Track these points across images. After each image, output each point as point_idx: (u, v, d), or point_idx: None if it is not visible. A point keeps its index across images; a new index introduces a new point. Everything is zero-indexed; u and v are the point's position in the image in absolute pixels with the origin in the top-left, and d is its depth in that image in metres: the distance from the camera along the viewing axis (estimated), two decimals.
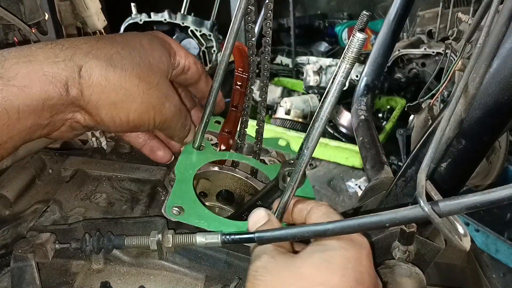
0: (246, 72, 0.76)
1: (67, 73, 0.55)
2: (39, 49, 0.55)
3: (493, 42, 0.54)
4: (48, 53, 0.55)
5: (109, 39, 0.62)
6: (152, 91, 0.63)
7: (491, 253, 2.43)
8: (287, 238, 0.60)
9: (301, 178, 0.61)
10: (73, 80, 0.56)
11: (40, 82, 0.53)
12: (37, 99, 0.53)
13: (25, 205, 0.80)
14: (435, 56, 3.39)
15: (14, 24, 0.85)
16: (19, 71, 0.52)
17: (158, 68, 0.65)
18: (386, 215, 0.50)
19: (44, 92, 0.54)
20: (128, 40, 0.64)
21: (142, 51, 0.64)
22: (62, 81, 0.55)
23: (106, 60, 0.58)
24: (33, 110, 0.54)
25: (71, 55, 0.56)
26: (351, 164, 3.44)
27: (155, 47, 0.66)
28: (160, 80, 0.65)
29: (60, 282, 0.68)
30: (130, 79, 0.60)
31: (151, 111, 0.63)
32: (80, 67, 0.56)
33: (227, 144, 0.83)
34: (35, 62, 0.53)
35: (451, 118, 0.57)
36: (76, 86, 0.56)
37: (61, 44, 0.57)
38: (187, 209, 0.67)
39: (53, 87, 0.54)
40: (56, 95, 0.55)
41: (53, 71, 0.54)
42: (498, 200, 0.42)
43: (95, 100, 0.58)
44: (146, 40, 0.66)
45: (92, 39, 0.61)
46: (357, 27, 0.62)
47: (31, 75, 0.53)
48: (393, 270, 0.67)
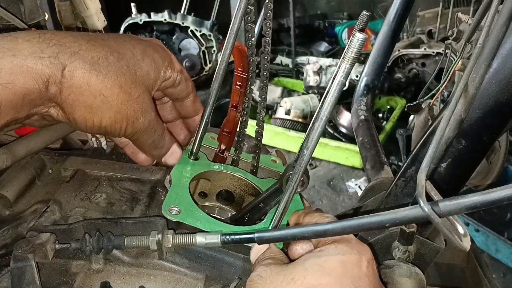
0: (245, 72, 0.76)
1: (50, 70, 0.55)
2: (26, 41, 0.54)
3: (493, 42, 0.54)
4: (34, 47, 0.54)
5: (100, 41, 0.61)
6: (130, 103, 0.62)
7: (491, 253, 2.43)
8: (287, 238, 0.60)
9: (303, 178, 0.61)
10: (55, 78, 0.55)
11: (22, 77, 0.53)
12: (18, 94, 0.53)
13: (25, 205, 0.80)
14: (435, 56, 3.39)
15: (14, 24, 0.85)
16: (3, 66, 0.52)
17: (143, 81, 0.64)
18: (386, 215, 0.50)
19: (25, 87, 0.53)
20: (120, 46, 0.62)
21: (131, 61, 0.62)
22: (44, 77, 0.54)
23: (92, 64, 0.58)
24: (14, 105, 0.54)
25: (57, 53, 0.55)
26: (351, 164, 3.44)
27: (146, 58, 0.65)
28: (141, 94, 0.63)
29: (60, 282, 0.67)
30: (111, 88, 0.59)
31: (124, 122, 0.63)
32: (64, 66, 0.56)
33: (227, 144, 0.83)
34: (19, 56, 0.53)
35: (451, 118, 0.57)
36: (57, 84, 0.56)
37: (48, 39, 0.56)
38: (183, 211, 0.67)
39: (34, 83, 0.54)
40: (35, 91, 0.54)
41: (36, 67, 0.54)
42: (498, 200, 0.42)
43: (72, 100, 0.58)
44: (139, 49, 0.64)
45: (83, 37, 0.59)
46: (357, 27, 0.62)
47: (14, 70, 0.52)
48: (393, 270, 0.67)
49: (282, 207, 0.63)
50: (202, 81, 3.99)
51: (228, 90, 0.84)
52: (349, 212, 0.92)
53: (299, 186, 0.62)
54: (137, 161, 0.78)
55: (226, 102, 3.69)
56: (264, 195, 0.73)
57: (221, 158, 0.84)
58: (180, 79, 0.71)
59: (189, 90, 0.75)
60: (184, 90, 0.73)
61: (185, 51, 4.14)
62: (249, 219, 0.76)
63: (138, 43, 0.66)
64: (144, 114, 0.64)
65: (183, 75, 0.71)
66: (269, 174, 0.89)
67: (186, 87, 0.73)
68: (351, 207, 0.94)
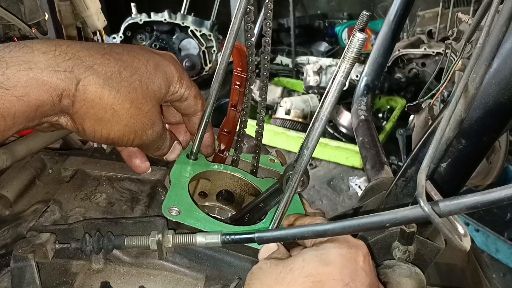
0: (245, 72, 0.76)
1: (64, 84, 0.55)
2: (42, 53, 0.55)
3: (493, 42, 0.54)
4: (50, 61, 0.55)
5: (115, 54, 0.61)
6: (140, 117, 0.63)
7: (491, 253, 2.43)
8: (287, 238, 0.60)
9: (303, 178, 0.61)
10: (68, 92, 0.56)
11: (37, 90, 0.54)
12: (32, 106, 0.54)
13: (25, 205, 0.80)
14: (435, 56, 3.39)
15: (14, 24, 0.85)
16: (19, 79, 0.52)
17: (154, 96, 0.65)
18: (386, 215, 0.50)
19: (39, 100, 0.54)
20: (134, 60, 0.63)
21: (144, 75, 0.63)
22: (58, 91, 0.55)
23: (105, 79, 0.58)
24: (27, 116, 0.55)
25: (72, 67, 0.56)
26: (351, 164, 3.44)
27: (159, 73, 0.66)
28: (151, 108, 0.64)
29: (60, 282, 0.67)
30: (122, 103, 0.60)
31: (131, 135, 0.64)
32: (79, 80, 0.56)
33: (227, 144, 0.83)
34: (35, 69, 0.53)
35: (451, 118, 0.57)
36: (70, 97, 0.57)
37: (65, 52, 0.56)
38: (183, 212, 0.68)
39: (48, 96, 0.55)
40: (49, 103, 0.55)
41: (51, 80, 0.54)
42: (498, 200, 0.42)
43: (83, 112, 0.59)
44: (153, 63, 0.65)
45: (98, 51, 0.60)
46: (357, 27, 0.62)
47: (30, 83, 0.53)
48: (393, 270, 0.67)
49: (282, 207, 0.64)
50: (202, 81, 3.99)
51: (228, 90, 0.84)
52: (349, 212, 0.92)
53: (299, 186, 0.62)
54: (131, 166, 0.79)
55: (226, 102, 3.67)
56: (264, 195, 0.73)
57: (220, 158, 0.84)
58: (187, 95, 0.71)
59: (197, 108, 0.74)
60: (191, 106, 0.74)
61: (185, 51, 4.14)
62: (249, 219, 0.76)
63: (152, 57, 0.66)
64: (152, 126, 0.65)
65: (192, 92, 0.72)
66: (268, 174, 0.89)
67: (194, 104, 0.73)
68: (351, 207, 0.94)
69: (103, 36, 1.08)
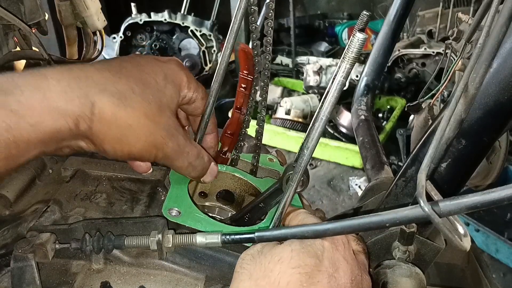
0: (251, 75, 0.76)
1: (80, 110, 0.56)
2: (56, 81, 0.55)
3: (493, 42, 0.54)
4: (64, 87, 0.55)
5: (125, 71, 0.62)
6: (158, 131, 0.63)
7: (491, 253, 2.43)
8: (287, 238, 0.60)
9: (303, 178, 0.61)
10: (84, 117, 0.56)
11: (52, 118, 0.54)
12: (47, 133, 0.54)
13: (25, 205, 0.80)
14: (435, 56, 3.39)
15: (14, 24, 0.85)
16: (33, 107, 0.53)
17: (168, 107, 0.65)
18: (386, 215, 0.50)
19: (55, 127, 0.55)
20: (143, 75, 0.63)
21: (155, 89, 0.64)
22: (74, 117, 0.56)
23: (119, 98, 0.59)
24: (42, 142, 0.55)
25: (86, 91, 0.56)
26: (351, 164, 3.44)
27: (168, 84, 0.66)
28: (168, 119, 0.65)
29: (60, 282, 0.67)
30: (139, 119, 0.61)
31: (153, 149, 0.64)
32: (93, 103, 0.57)
33: (229, 146, 0.83)
34: (50, 97, 0.54)
35: (451, 118, 0.57)
36: (87, 121, 0.57)
37: (77, 77, 0.57)
38: (183, 213, 0.68)
39: (64, 123, 0.55)
40: (65, 129, 0.56)
41: (66, 107, 0.55)
42: (498, 200, 0.42)
43: (101, 134, 0.59)
44: (161, 75, 0.66)
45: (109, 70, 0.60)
46: (357, 27, 0.62)
47: (44, 111, 0.53)
48: (393, 270, 0.67)
49: (282, 207, 0.64)
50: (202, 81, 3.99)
51: (228, 90, 0.84)
52: (349, 212, 0.92)
53: (299, 186, 0.62)
54: (133, 166, 0.78)
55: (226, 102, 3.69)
56: (264, 195, 0.73)
57: (222, 159, 0.84)
58: (195, 98, 0.72)
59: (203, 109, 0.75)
60: (199, 107, 0.74)
61: (185, 51, 4.14)
62: (249, 219, 0.76)
63: (159, 68, 0.66)
64: (172, 138, 0.65)
65: (199, 94, 0.72)
66: (268, 174, 0.89)
67: (201, 105, 0.74)
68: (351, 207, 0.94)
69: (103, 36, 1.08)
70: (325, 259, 0.57)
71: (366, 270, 0.64)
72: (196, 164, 0.70)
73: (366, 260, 0.65)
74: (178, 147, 0.66)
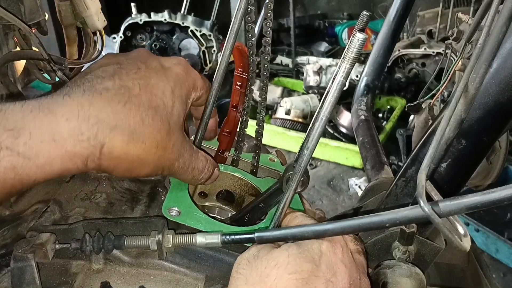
0: (246, 73, 0.76)
1: (89, 151, 0.55)
2: (65, 121, 0.53)
3: (493, 42, 0.54)
4: (73, 129, 0.54)
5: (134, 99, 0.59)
6: (167, 155, 0.63)
7: (491, 253, 2.43)
8: (287, 238, 0.60)
9: (303, 178, 0.61)
10: (93, 157, 0.56)
11: (60, 160, 0.54)
12: (54, 174, 0.54)
13: (25, 205, 0.80)
14: (435, 56, 3.39)
15: (14, 24, 0.85)
16: (42, 150, 0.52)
17: (175, 126, 0.64)
18: (386, 215, 0.50)
19: (63, 168, 0.54)
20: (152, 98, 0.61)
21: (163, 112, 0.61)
22: (83, 158, 0.55)
23: (130, 134, 0.57)
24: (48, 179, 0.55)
25: (96, 132, 0.55)
26: (351, 164, 3.44)
27: (176, 100, 0.64)
28: (175, 141, 0.63)
29: (60, 282, 0.67)
30: (149, 150, 0.60)
31: (159, 170, 0.64)
32: (103, 144, 0.56)
33: (227, 144, 0.83)
34: (59, 141, 0.53)
35: (451, 118, 0.57)
36: (95, 161, 0.56)
37: (88, 116, 0.55)
38: (183, 212, 0.68)
39: (72, 164, 0.55)
40: (74, 169, 0.56)
41: (75, 150, 0.54)
42: (498, 200, 0.42)
43: (110, 169, 0.59)
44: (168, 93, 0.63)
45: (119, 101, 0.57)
46: (357, 27, 0.62)
47: (52, 154, 0.53)
48: (393, 270, 0.67)
49: (282, 207, 0.63)
50: None
51: (228, 90, 0.84)
52: (349, 212, 0.92)
53: (299, 186, 0.62)
54: None
55: (226, 102, 3.69)
56: (264, 195, 0.73)
57: (221, 158, 0.84)
58: (200, 95, 0.71)
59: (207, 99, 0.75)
60: (203, 100, 0.74)
61: (185, 51, 4.14)
62: (249, 219, 0.76)
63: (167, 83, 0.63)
64: (179, 159, 0.65)
65: (204, 88, 0.71)
66: (269, 174, 0.89)
67: (205, 98, 0.74)
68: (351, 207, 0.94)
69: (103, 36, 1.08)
70: (323, 264, 0.56)
71: (365, 272, 0.63)
72: (200, 178, 0.71)
73: (364, 261, 0.65)
74: (183, 165, 0.66)
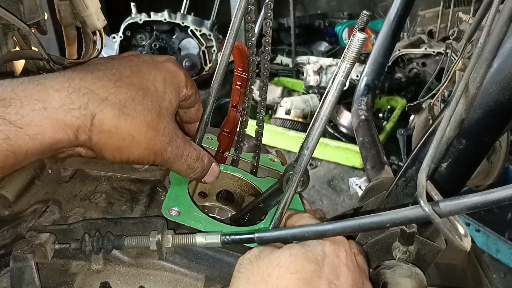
0: (246, 72, 0.76)
1: (80, 121, 0.56)
2: (56, 91, 0.55)
3: (494, 42, 0.54)
4: (64, 99, 0.55)
5: (125, 79, 0.61)
6: (158, 137, 0.63)
7: (492, 253, 2.43)
8: (287, 238, 0.60)
9: (303, 178, 0.61)
10: (84, 128, 0.57)
11: (52, 129, 0.54)
12: (46, 144, 0.55)
13: (25, 205, 0.80)
14: (436, 56, 3.39)
15: (14, 23, 0.84)
16: (33, 119, 0.53)
17: (167, 112, 0.65)
18: (386, 216, 0.50)
19: (54, 138, 0.55)
20: (142, 81, 0.63)
21: (154, 95, 0.64)
22: (74, 128, 0.56)
23: (120, 108, 0.59)
24: (40, 152, 0.55)
25: (86, 102, 0.56)
26: (351, 164, 3.44)
27: (167, 87, 0.66)
28: (167, 124, 0.65)
29: (60, 282, 0.67)
30: (139, 128, 0.61)
31: (151, 156, 0.64)
32: (94, 115, 0.57)
33: (227, 144, 0.83)
34: (50, 109, 0.54)
35: (452, 118, 0.56)
36: (86, 132, 0.57)
37: (78, 88, 0.56)
38: (183, 212, 0.67)
39: (63, 134, 0.55)
40: (65, 140, 0.56)
41: (66, 119, 0.55)
42: (498, 200, 0.41)
43: (101, 144, 0.59)
44: (160, 80, 0.65)
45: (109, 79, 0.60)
46: (358, 27, 0.62)
47: (44, 122, 0.53)
48: (394, 270, 0.66)
49: (282, 207, 0.63)
50: (202, 81, 3.99)
51: (228, 90, 0.84)
52: (349, 212, 0.92)
53: (299, 186, 0.62)
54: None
55: (226, 102, 3.69)
56: (264, 195, 0.73)
57: (221, 158, 0.84)
58: (191, 93, 0.72)
59: (196, 100, 0.76)
60: (193, 101, 0.75)
61: (185, 50, 4.14)
62: (249, 219, 0.76)
63: (158, 71, 0.66)
64: (171, 143, 0.65)
65: (193, 89, 0.73)
66: (269, 174, 0.89)
67: (195, 99, 0.75)
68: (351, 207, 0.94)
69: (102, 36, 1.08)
70: (326, 266, 0.56)
71: (367, 277, 0.63)
72: (195, 167, 0.71)
73: (366, 265, 0.65)
74: (177, 150, 0.67)
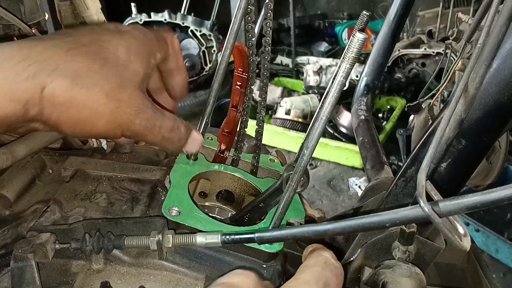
0: (246, 72, 0.76)
1: (27, 94, 0.51)
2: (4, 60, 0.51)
3: (493, 42, 0.54)
4: (11, 68, 0.51)
5: (81, 47, 0.56)
6: (122, 109, 0.58)
7: (491, 253, 2.43)
8: (287, 238, 0.60)
9: (303, 178, 0.61)
10: (34, 101, 0.52)
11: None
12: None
13: (25, 205, 0.80)
14: (435, 56, 3.40)
15: (14, 24, 0.85)
16: None
17: (131, 81, 0.60)
18: (386, 215, 0.50)
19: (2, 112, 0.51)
20: (101, 50, 0.58)
21: (115, 63, 0.58)
22: (21, 102, 0.51)
23: (73, 78, 0.54)
24: None
25: (34, 73, 0.51)
26: (351, 164, 3.44)
27: (132, 55, 0.61)
28: (131, 94, 0.59)
29: (60, 282, 0.67)
30: (97, 99, 0.56)
31: (118, 129, 0.60)
32: (43, 86, 0.52)
33: (227, 144, 0.83)
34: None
35: (451, 118, 0.57)
36: (36, 106, 0.53)
37: (27, 56, 0.52)
38: (183, 212, 0.68)
39: (11, 108, 0.51)
40: (13, 115, 0.52)
41: (12, 91, 0.51)
42: (498, 200, 0.42)
43: (55, 117, 0.55)
44: (123, 48, 0.60)
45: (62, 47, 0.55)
46: (357, 27, 0.62)
47: None
48: (393, 270, 0.67)
49: (282, 207, 0.63)
50: (202, 81, 3.99)
51: (228, 90, 0.84)
52: (349, 212, 0.92)
53: (299, 186, 0.62)
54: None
55: (226, 102, 3.69)
56: (264, 195, 0.73)
57: (221, 158, 0.84)
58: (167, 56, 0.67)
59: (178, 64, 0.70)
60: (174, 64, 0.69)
61: (185, 51, 4.14)
62: (249, 219, 0.76)
63: (121, 39, 0.61)
64: (139, 114, 0.60)
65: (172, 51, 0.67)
66: (269, 174, 0.89)
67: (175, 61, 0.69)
68: (351, 207, 0.94)
69: None
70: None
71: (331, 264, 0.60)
72: (170, 137, 0.66)
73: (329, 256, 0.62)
74: (146, 122, 0.61)
